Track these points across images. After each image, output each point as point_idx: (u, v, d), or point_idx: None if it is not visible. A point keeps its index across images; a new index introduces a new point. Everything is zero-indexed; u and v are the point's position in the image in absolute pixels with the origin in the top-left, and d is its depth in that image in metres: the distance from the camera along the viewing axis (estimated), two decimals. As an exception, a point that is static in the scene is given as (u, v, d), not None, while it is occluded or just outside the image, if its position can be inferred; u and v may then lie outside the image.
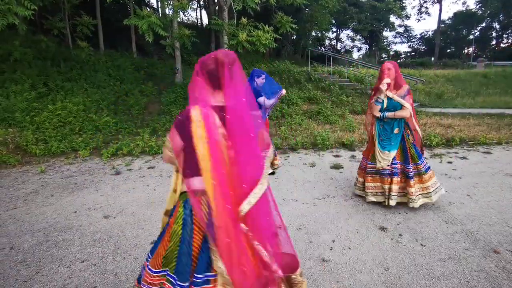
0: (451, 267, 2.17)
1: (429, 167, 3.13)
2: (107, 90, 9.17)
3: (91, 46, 9.51)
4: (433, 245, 2.46)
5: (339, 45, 33.63)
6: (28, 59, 8.40)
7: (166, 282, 1.29)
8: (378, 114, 3.02)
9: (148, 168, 4.78)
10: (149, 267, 1.37)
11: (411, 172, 3.00)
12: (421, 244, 2.47)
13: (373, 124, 3.15)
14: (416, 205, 2.99)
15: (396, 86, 2.97)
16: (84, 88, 8.60)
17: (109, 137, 6.65)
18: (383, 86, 2.87)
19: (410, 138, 3.10)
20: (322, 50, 24.22)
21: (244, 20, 7.34)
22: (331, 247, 2.46)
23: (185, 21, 22.82)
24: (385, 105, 2.95)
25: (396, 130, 2.98)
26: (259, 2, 6.90)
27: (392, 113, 2.94)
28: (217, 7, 14.40)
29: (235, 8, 6.85)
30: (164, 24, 6.09)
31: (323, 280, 2.06)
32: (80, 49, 8.99)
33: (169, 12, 7.82)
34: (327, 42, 31.48)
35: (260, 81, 4.07)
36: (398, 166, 3.04)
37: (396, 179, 3.03)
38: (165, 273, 1.31)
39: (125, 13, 15.44)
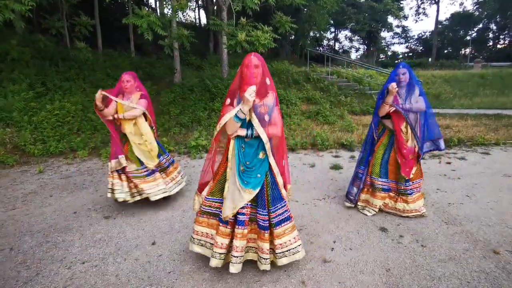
0: (451, 268, 2.18)
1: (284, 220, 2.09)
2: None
3: (89, 45, 9.47)
4: (434, 245, 2.47)
5: (337, 46, 33.70)
6: (26, 58, 8.34)
7: None
8: (241, 133, 1.96)
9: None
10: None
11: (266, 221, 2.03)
12: (422, 245, 2.48)
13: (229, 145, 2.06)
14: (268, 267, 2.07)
15: (262, 92, 1.95)
16: (83, 88, 8.56)
17: (107, 137, 6.61)
18: (249, 96, 1.79)
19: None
20: (320, 50, 24.27)
21: (243, 20, 7.33)
22: (332, 248, 2.46)
23: (184, 21, 22.79)
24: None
25: (261, 155, 2.01)
26: (259, 2, 6.90)
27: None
28: (215, 7, 14.40)
29: (234, 9, 6.84)
30: (163, 24, 6.06)
31: (325, 281, 2.07)
32: (78, 50, 8.95)
33: (167, 12, 7.78)
34: (325, 42, 31.57)
35: (400, 77, 2.85)
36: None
37: (240, 230, 2.01)
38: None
39: (123, 12, 15.39)
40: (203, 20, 24.30)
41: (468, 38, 33.22)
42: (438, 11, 30.51)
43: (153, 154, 3.22)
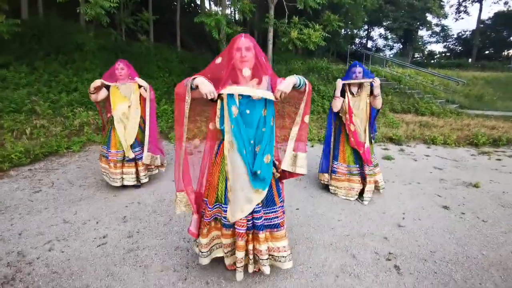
0: (512, 237, 2.58)
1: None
2: (159, 81, 9.96)
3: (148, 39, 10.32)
4: (494, 221, 2.86)
5: (370, 44, 33.16)
6: (94, 49, 9.32)
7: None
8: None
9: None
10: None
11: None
12: (483, 220, 2.88)
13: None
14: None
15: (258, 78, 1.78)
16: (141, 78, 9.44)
17: (170, 123, 7.37)
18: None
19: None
20: (353, 48, 24.12)
21: (295, 18, 7.79)
22: (403, 218, 2.92)
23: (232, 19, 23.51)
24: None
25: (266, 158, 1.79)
26: (320, 2, 7.32)
27: None
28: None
29: (297, 7, 7.31)
30: (228, 23, 6.68)
31: (403, 239, 2.54)
32: (140, 42, 9.84)
33: (230, 12, 8.33)
34: (357, 40, 31.16)
35: (357, 74, 3.14)
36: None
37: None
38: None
39: (170, 9, 16.32)
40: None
41: (512, 38, 31.48)
42: (480, 9, 29.20)
43: (128, 141, 3.35)
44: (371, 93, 3.16)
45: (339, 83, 3.20)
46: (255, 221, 1.82)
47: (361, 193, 3.33)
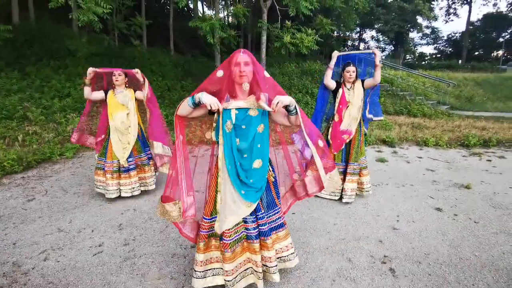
0: (503, 238, 2.63)
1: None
2: (153, 85, 9.87)
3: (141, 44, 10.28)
4: (485, 222, 2.92)
5: (361, 46, 33.48)
6: (87, 55, 9.27)
7: None
8: None
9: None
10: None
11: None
12: (475, 222, 2.94)
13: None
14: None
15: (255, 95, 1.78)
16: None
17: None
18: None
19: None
20: (346, 50, 24.38)
21: (288, 23, 7.85)
22: (397, 220, 2.96)
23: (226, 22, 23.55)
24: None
25: (256, 163, 1.80)
26: (313, 8, 7.39)
27: None
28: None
29: (289, 14, 7.37)
30: (222, 27, 6.71)
31: (398, 241, 2.58)
32: (134, 47, 9.80)
33: (223, 16, 8.37)
34: (349, 42, 31.49)
35: (351, 74, 3.26)
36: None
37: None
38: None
39: (163, 13, 16.31)
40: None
41: (501, 40, 32.16)
42: (470, 11, 29.77)
43: (127, 150, 3.36)
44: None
45: (335, 54, 3.33)
46: (261, 227, 1.85)
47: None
